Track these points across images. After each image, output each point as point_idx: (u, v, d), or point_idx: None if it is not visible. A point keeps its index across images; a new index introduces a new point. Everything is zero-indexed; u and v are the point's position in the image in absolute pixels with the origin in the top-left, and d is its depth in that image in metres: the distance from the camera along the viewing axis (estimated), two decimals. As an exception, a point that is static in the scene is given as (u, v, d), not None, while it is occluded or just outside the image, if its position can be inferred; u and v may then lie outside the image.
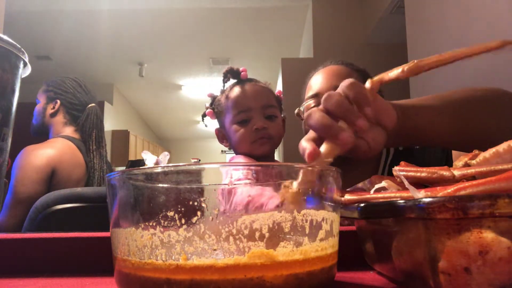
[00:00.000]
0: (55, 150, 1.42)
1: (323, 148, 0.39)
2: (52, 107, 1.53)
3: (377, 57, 3.48)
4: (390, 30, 3.47)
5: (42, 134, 1.56)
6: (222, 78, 0.99)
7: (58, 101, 1.53)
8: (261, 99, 0.93)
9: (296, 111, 0.95)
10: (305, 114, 0.46)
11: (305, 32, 4.33)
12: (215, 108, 0.99)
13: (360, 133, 0.43)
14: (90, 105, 1.57)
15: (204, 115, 1.03)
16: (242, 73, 0.97)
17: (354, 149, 0.44)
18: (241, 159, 0.91)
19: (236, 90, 0.94)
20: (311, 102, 0.91)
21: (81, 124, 1.53)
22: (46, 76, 1.82)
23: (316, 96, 0.91)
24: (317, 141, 0.41)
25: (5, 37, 0.48)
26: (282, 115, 1.00)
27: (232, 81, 0.99)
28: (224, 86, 0.99)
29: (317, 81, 0.93)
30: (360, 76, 0.92)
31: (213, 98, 1.01)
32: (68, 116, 1.53)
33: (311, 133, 0.42)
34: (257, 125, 0.90)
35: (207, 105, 1.01)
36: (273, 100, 0.96)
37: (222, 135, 0.99)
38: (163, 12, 4.18)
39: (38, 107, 1.56)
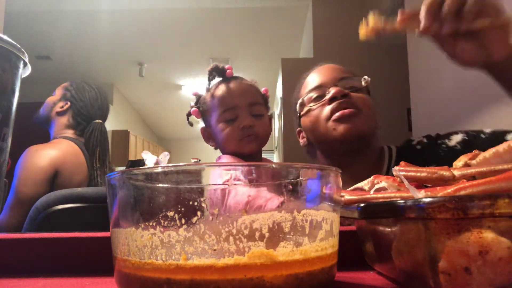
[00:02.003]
0: (58, 151, 1.42)
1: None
2: (61, 105, 1.53)
3: (377, 57, 3.48)
4: (390, 30, 3.46)
5: (44, 125, 1.56)
6: (209, 78, 0.97)
7: (69, 103, 1.52)
8: (247, 97, 0.91)
9: (297, 107, 0.93)
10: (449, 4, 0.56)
11: (305, 32, 4.33)
12: (201, 107, 0.96)
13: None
14: (96, 120, 1.57)
15: (189, 114, 1.01)
16: (227, 71, 0.95)
17: (441, 43, 0.58)
18: (227, 159, 0.90)
19: (222, 88, 0.92)
20: (313, 94, 0.89)
21: (86, 138, 1.53)
22: (46, 76, 1.82)
23: (320, 87, 0.89)
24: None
25: (5, 37, 0.48)
26: (268, 114, 0.98)
27: (217, 79, 0.97)
28: (209, 85, 0.97)
29: (317, 76, 0.92)
30: (351, 74, 0.93)
31: (198, 97, 0.99)
32: (72, 121, 1.53)
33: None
34: (244, 123, 0.88)
35: (192, 103, 0.99)
36: (259, 98, 0.95)
37: (208, 134, 0.97)
38: (163, 12, 4.18)
39: (50, 99, 1.55)
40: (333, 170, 0.33)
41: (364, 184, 0.42)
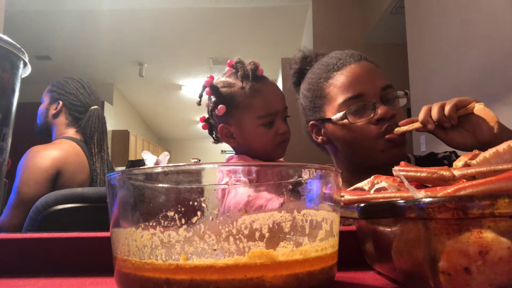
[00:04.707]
0: (60, 152, 1.42)
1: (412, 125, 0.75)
2: (54, 107, 1.53)
3: (377, 57, 3.47)
4: (390, 30, 3.47)
5: (45, 134, 1.57)
6: (236, 71, 0.88)
7: (61, 102, 1.53)
8: (283, 102, 0.88)
9: (337, 116, 0.82)
10: (434, 107, 0.72)
11: (305, 32, 4.33)
12: (226, 103, 0.86)
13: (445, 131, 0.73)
14: (92, 107, 1.57)
15: (201, 96, 0.91)
16: (259, 68, 0.88)
17: (436, 135, 0.73)
18: (242, 159, 0.86)
19: (263, 90, 0.86)
20: (354, 105, 0.81)
21: (82, 126, 1.53)
22: (46, 76, 1.82)
23: (361, 96, 0.81)
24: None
25: (5, 37, 0.48)
26: None
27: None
28: (242, 80, 0.87)
29: (356, 79, 0.83)
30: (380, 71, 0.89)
31: (216, 88, 0.88)
32: (70, 117, 1.53)
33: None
34: (282, 129, 0.86)
35: (213, 99, 0.88)
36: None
37: (228, 132, 0.88)
38: (163, 12, 4.18)
39: (42, 107, 1.56)
40: (333, 170, 0.33)
41: (364, 184, 0.42)
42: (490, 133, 0.68)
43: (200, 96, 0.93)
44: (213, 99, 0.88)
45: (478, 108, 0.66)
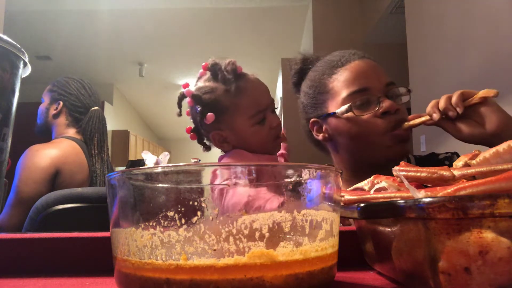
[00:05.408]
0: (59, 151, 1.42)
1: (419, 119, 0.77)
2: (55, 108, 1.53)
3: (377, 57, 3.47)
4: (390, 30, 3.48)
5: (45, 134, 1.57)
6: (215, 74, 0.86)
7: (61, 103, 1.52)
8: (269, 95, 0.87)
9: (341, 109, 0.82)
10: (442, 99, 0.73)
11: (305, 32, 4.33)
12: (214, 110, 0.83)
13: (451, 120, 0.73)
14: (93, 108, 1.57)
15: (180, 102, 0.90)
16: (237, 66, 0.87)
17: (444, 127, 0.74)
18: (238, 154, 0.83)
19: (248, 88, 0.84)
20: (359, 99, 0.81)
21: (82, 127, 1.53)
22: (46, 76, 1.82)
23: (366, 90, 0.81)
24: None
25: (5, 37, 0.48)
26: None
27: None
28: (224, 83, 0.85)
29: (361, 75, 0.84)
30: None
31: (198, 97, 0.85)
32: (71, 118, 1.53)
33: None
34: (275, 122, 0.84)
35: (199, 108, 0.84)
36: None
37: (220, 138, 0.86)
38: (163, 12, 4.18)
39: (42, 107, 1.56)
40: (333, 170, 0.33)
41: (364, 184, 0.42)
42: (499, 122, 0.69)
43: (180, 107, 0.91)
44: (199, 108, 0.85)
45: (482, 91, 0.70)
